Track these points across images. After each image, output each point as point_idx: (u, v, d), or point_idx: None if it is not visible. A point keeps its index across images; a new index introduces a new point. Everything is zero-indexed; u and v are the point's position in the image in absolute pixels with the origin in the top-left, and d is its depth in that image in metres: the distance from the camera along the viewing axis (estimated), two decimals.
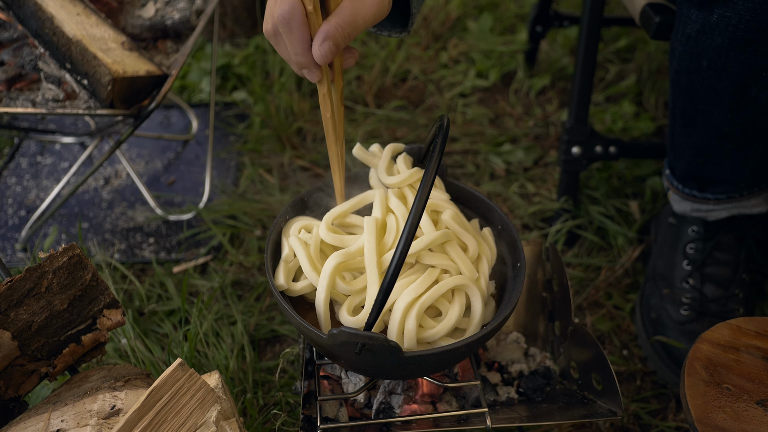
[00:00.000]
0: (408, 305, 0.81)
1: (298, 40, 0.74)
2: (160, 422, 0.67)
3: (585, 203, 1.48)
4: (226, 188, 1.55)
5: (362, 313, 0.82)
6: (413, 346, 0.82)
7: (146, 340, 1.19)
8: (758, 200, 1.17)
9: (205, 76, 1.88)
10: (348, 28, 0.73)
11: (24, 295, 0.80)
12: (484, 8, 2.12)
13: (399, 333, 0.81)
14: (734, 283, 1.20)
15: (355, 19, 0.73)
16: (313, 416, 0.95)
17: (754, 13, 0.90)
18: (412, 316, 0.81)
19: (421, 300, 0.82)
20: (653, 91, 1.78)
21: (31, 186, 1.61)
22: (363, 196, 0.92)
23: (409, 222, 0.72)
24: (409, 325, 0.81)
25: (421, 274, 0.85)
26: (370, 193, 0.92)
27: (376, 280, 0.83)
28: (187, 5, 1.36)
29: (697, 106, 1.06)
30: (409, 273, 0.86)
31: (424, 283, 0.83)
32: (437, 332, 0.83)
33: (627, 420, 1.14)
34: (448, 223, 0.90)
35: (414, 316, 0.81)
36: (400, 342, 0.82)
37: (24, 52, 1.26)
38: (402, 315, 0.81)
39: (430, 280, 0.84)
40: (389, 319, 0.83)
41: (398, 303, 0.82)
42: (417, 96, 1.85)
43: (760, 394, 0.80)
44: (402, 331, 0.81)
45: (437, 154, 0.75)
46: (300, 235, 0.90)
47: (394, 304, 0.82)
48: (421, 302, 0.82)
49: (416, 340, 0.82)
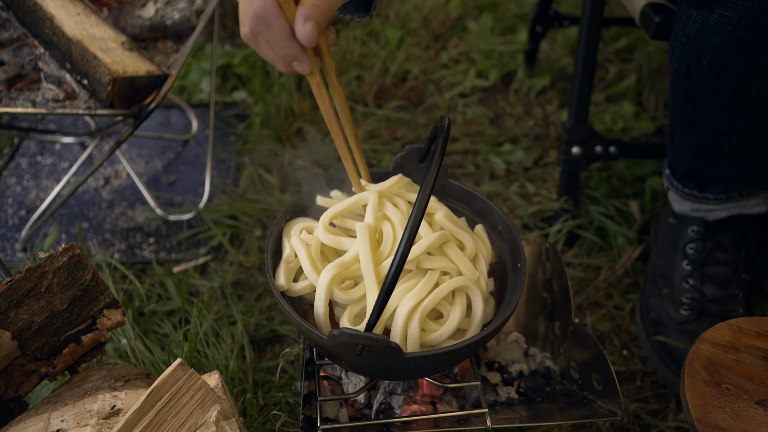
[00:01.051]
0: (410, 311, 0.81)
1: (279, 32, 0.72)
2: (160, 422, 0.67)
3: (585, 203, 1.48)
4: (226, 188, 1.55)
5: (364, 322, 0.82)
6: (416, 350, 0.82)
7: (146, 340, 1.19)
8: (758, 200, 1.17)
9: (205, 76, 1.88)
10: (323, 6, 0.72)
11: (24, 295, 0.80)
12: (484, 8, 2.12)
13: (402, 338, 0.81)
14: (734, 283, 1.20)
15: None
16: (313, 416, 0.95)
17: (754, 14, 0.90)
18: (414, 321, 0.81)
19: (423, 304, 0.82)
20: (653, 91, 1.78)
21: (31, 186, 1.61)
22: (360, 196, 0.92)
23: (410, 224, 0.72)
24: (412, 331, 0.81)
25: (421, 278, 0.85)
26: (366, 194, 0.92)
27: (374, 288, 0.82)
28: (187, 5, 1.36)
29: (696, 106, 1.06)
30: (409, 277, 0.86)
31: (426, 287, 0.83)
32: (440, 335, 0.82)
33: (627, 420, 1.14)
34: (443, 223, 0.89)
35: (417, 321, 0.81)
36: (404, 346, 0.82)
37: (24, 52, 1.26)
38: (405, 321, 0.81)
39: (431, 284, 0.84)
40: (392, 325, 0.82)
41: (400, 309, 0.81)
42: (417, 96, 1.85)
43: (760, 394, 0.80)
44: (405, 336, 0.81)
45: (438, 155, 0.75)
46: (301, 236, 0.90)
47: (396, 310, 0.82)
48: (423, 307, 0.82)
49: (419, 345, 0.82)
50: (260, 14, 0.71)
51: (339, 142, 0.86)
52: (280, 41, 0.73)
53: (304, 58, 0.75)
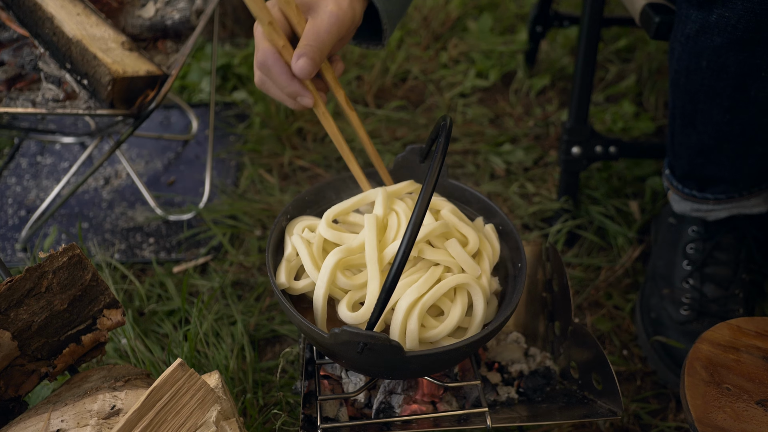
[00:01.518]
0: (410, 305, 0.81)
1: (279, 73, 0.81)
2: (160, 422, 0.67)
3: (585, 203, 1.48)
4: (226, 188, 1.55)
5: (362, 309, 0.82)
6: (415, 346, 0.82)
7: (146, 340, 1.19)
8: (758, 200, 1.17)
9: (205, 76, 1.88)
10: (314, 43, 0.80)
11: (24, 295, 0.80)
12: (484, 8, 2.12)
13: (401, 333, 0.81)
14: (734, 283, 1.20)
15: (318, 32, 0.81)
16: (314, 416, 0.95)
17: (753, 14, 0.90)
18: (414, 316, 0.81)
19: (423, 299, 0.82)
20: (653, 91, 1.78)
21: (31, 186, 1.61)
22: (365, 194, 0.93)
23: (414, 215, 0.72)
24: (412, 326, 0.81)
25: (423, 273, 0.85)
26: (371, 192, 0.93)
27: (376, 276, 0.83)
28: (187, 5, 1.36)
29: (696, 106, 1.06)
30: (412, 271, 0.86)
31: (427, 282, 0.83)
32: (439, 332, 0.83)
33: (627, 420, 1.14)
34: (448, 216, 0.90)
35: (416, 316, 0.81)
36: (402, 342, 0.82)
37: (24, 52, 1.26)
38: (404, 315, 0.81)
39: (432, 279, 0.84)
40: (391, 319, 0.83)
41: (401, 303, 0.82)
42: (417, 96, 1.85)
43: (760, 394, 0.80)
44: (404, 331, 0.81)
45: (440, 154, 0.75)
46: (303, 234, 0.91)
47: (397, 304, 0.82)
48: (423, 302, 0.82)
49: (418, 340, 0.82)
50: (262, 61, 0.81)
51: (351, 164, 0.94)
52: (281, 81, 0.82)
53: (305, 93, 0.83)
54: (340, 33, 0.82)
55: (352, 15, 0.83)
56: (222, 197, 1.53)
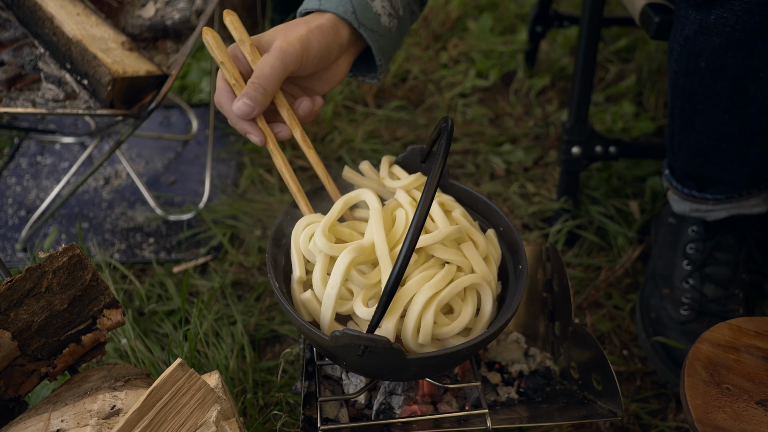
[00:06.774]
0: (427, 300, 0.81)
1: (228, 112, 0.84)
2: (160, 422, 0.67)
3: (585, 203, 1.48)
4: (226, 188, 1.55)
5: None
6: (428, 342, 0.82)
7: (146, 340, 1.19)
8: (757, 200, 1.17)
9: (205, 76, 1.88)
10: (257, 80, 0.82)
11: (24, 295, 0.80)
12: (484, 8, 2.12)
13: (415, 327, 0.81)
14: (734, 283, 1.20)
15: (262, 69, 0.82)
16: (314, 417, 0.95)
17: (751, 14, 0.90)
18: (430, 311, 0.81)
19: (441, 295, 0.82)
20: (653, 91, 1.78)
21: (31, 186, 1.61)
22: (348, 197, 0.92)
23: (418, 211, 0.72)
24: (427, 320, 0.81)
25: (436, 270, 0.85)
26: (354, 194, 0.92)
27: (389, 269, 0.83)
28: (187, 5, 1.36)
29: (695, 107, 1.06)
30: (424, 267, 0.86)
31: (444, 279, 0.83)
32: (451, 330, 0.83)
33: (627, 420, 1.14)
34: (459, 219, 0.90)
35: (432, 312, 0.81)
36: (415, 336, 0.81)
37: (24, 52, 1.26)
38: (420, 309, 0.81)
39: (449, 276, 0.84)
40: (407, 312, 0.82)
41: (418, 297, 0.81)
42: (417, 96, 1.85)
43: (760, 394, 0.80)
44: (419, 325, 0.81)
45: (442, 155, 0.75)
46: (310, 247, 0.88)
47: (414, 298, 0.82)
48: (441, 298, 0.82)
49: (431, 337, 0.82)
50: (217, 99, 0.85)
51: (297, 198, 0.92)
52: (231, 120, 0.85)
53: (252, 131, 0.85)
54: (287, 68, 0.83)
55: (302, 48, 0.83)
56: (222, 197, 1.53)
